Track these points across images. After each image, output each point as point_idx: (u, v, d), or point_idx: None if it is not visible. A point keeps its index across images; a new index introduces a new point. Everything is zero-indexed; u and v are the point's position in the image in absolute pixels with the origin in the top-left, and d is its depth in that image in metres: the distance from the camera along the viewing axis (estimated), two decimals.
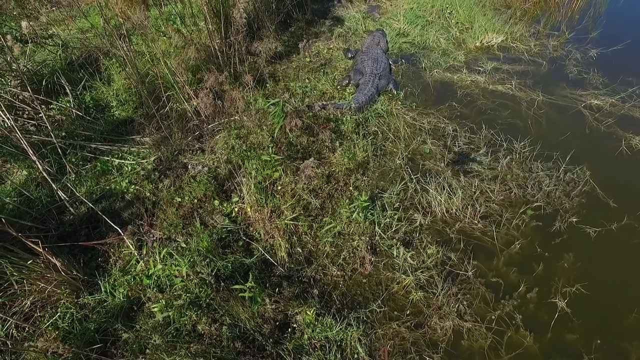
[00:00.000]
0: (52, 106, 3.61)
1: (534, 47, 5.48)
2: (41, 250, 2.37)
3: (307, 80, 4.70)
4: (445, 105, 4.50)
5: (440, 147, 3.98)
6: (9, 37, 3.29)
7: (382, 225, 3.15)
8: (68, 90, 3.61)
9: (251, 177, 3.18)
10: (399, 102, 4.51)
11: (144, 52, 4.24)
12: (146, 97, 3.58)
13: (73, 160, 3.38)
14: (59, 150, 3.21)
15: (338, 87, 4.66)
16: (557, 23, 6.07)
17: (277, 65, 4.94)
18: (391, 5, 6.45)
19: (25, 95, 3.32)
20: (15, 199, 3.03)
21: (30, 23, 3.59)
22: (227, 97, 3.67)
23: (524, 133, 4.13)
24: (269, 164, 3.16)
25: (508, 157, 3.81)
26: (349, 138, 3.78)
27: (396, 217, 3.21)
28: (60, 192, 2.98)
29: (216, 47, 4.21)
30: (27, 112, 3.40)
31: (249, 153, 3.17)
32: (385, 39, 5.34)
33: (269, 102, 3.16)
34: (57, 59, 4.39)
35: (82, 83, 3.92)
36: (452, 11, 6.09)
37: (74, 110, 3.57)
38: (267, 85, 4.53)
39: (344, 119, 3.91)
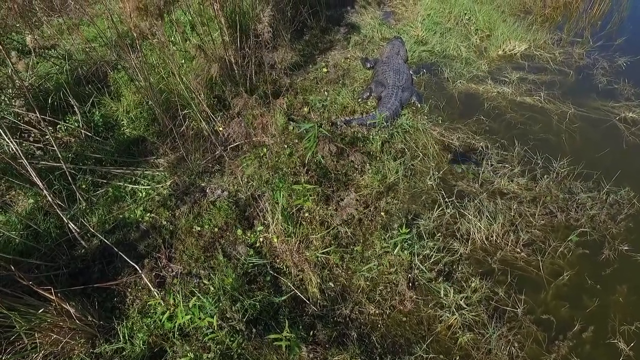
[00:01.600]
0: (59, 126, 3.35)
1: (559, 56, 5.25)
2: (54, 297, 2.13)
3: (326, 93, 4.46)
4: (473, 119, 4.27)
5: (472, 166, 3.75)
6: (13, 53, 3.04)
7: (420, 256, 2.91)
8: (76, 109, 3.35)
9: (277, 205, 2.94)
10: (425, 116, 4.28)
11: (156, 65, 4.00)
12: (161, 115, 3.33)
13: (83, 186, 3.13)
14: (68, 175, 2.96)
15: (359, 100, 4.42)
16: (579, 29, 5.85)
17: (294, 77, 4.69)
18: (406, 11, 6.21)
19: (31, 117, 3.07)
20: (22, 232, 2.78)
21: (35, 37, 3.34)
22: (253, 118, 3.40)
23: (557, 149, 3.91)
24: (300, 192, 2.91)
25: (546, 177, 3.58)
26: (377, 158, 3.54)
27: (435, 247, 2.98)
28: (70, 224, 2.72)
29: (232, 60, 3.96)
30: (33, 135, 3.15)
31: (280, 184, 2.91)
32: (405, 48, 5.11)
33: (300, 125, 2.91)
34: (63, 72, 4.13)
35: (91, 100, 3.66)
36: (470, 17, 5.87)
37: (82, 131, 3.32)
38: (286, 98, 4.29)
39: (371, 137, 3.68)
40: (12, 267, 2.01)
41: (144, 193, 3.19)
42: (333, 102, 4.32)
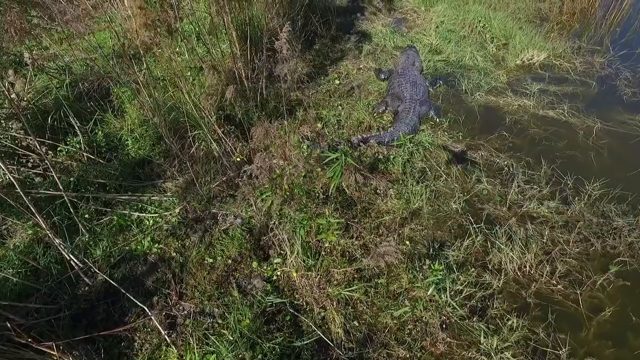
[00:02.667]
0: (59, 148, 3.12)
1: (579, 65, 5.05)
2: (55, 353, 1.91)
3: (340, 107, 4.24)
4: (495, 135, 4.06)
5: (498, 187, 3.54)
6: (10, 72, 2.81)
7: (451, 291, 2.70)
8: (77, 129, 3.13)
9: (297, 237, 2.72)
10: (444, 132, 4.07)
11: (161, 78, 3.78)
12: (168, 136, 3.11)
13: (86, 215, 2.90)
14: (69, 205, 2.73)
15: (375, 115, 4.20)
16: (598, 37, 5.65)
17: (305, 89, 4.48)
18: (418, 18, 6.00)
19: (29, 140, 2.85)
20: (20, 270, 2.55)
21: (34, 52, 3.12)
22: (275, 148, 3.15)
23: (586, 168, 3.71)
24: (324, 226, 2.69)
25: (577, 200, 3.38)
26: (400, 181, 3.33)
27: (466, 281, 2.76)
28: (72, 259, 2.50)
29: (242, 74, 3.74)
30: (31, 160, 2.92)
31: (302, 221, 2.68)
32: (420, 58, 4.89)
33: (327, 154, 2.69)
34: (62, 87, 3.91)
35: (94, 119, 3.44)
36: (485, 25, 5.66)
37: (85, 154, 3.09)
38: (297, 113, 4.07)
39: (391, 157, 3.47)
40: (8, 322, 1.78)
41: (151, 221, 2.97)
42: (348, 118, 4.10)
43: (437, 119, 4.22)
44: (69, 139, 3.21)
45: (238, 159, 3.12)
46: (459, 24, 5.74)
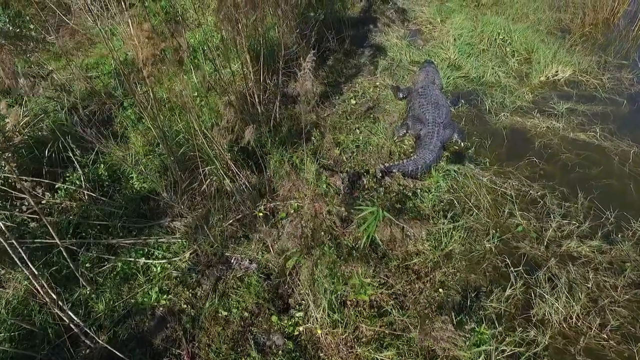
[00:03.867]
0: (58, 186, 2.85)
1: (607, 82, 4.78)
2: None
3: (357, 131, 3.97)
4: (524, 161, 3.79)
5: (533, 221, 3.27)
6: (3, 103, 2.54)
7: (495, 350, 2.43)
8: (77, 164, 2.85)
9: (323, 295, 2.45)
10: (470, 158, 3.80)
11: (166, 102, 3.51)
12: (176, 170, 2.84)
13: (87, 264, 2.63)
14: (67, 253, 2.46)
15: (395, 139, 3.93)
16: (623, 50, 5.39)
17: (320, 110, 4.21)
18: (434, 29, 5.73)
19: (25, 182, 2.58)
20: (13, 333, 2.28)
21: (31, 79, 2.84)
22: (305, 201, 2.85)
23: (625, 199, 3.45)
24: (357, 287, 2.42)
25: (620, 236, 3.11)
26: (430, 219, 3.06)
27: (511, 341, 2.49)
28: (72, 317, 2.22)
29: (254, 96, 3.47)
30: (26, 203, 2.65)
31: (334, 286, 2.40)
32: (439, 74, 4.63)
33: (361, 207, 2.40)
34: (60, 111, 3.64)
35: (95, 151, 3.17)
36: (504, 38, 5.39)
37: (86, 192, 2.82)
38: (313, 139, 3.80)
39: (418, 190, 3.19)
40: None
41: (159, 268, 2.70)
42: (367, 143, 3.83)
43: (462, 143, 3.95)
44: (68, 174, 2.94)
45: (260, 214, 2.84)
46: (477, 37, 5.47)
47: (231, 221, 2.95)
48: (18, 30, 3.45)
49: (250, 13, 2.71)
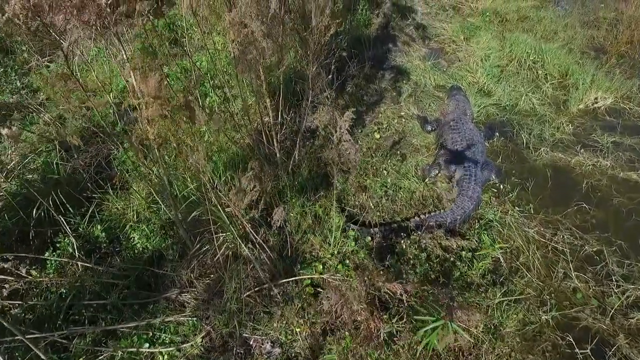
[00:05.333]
0: (46, 256, 2.43)
1: None
2: None
3: (385, 172, 3.56)
4: (572, 207, 3.38)
5: (591, 284, 2.87)
6: None
7: None
8: (69, 232, 2.45)
9: None
10: (512, 205, 3.39)
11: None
12: (187, 237, 2.44)
13: (82, 356, 2.21)
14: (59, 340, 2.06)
15: (427, 181, 3.53)
16: None
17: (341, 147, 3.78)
18: (458, 49, 5.31)
19: (7, 262, 2.17)
20: None
21: (13, 128, 2.43)
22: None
23: None
24: None
25: None
26: (480, 292, 2.65)
27: None
28: None
29: (274, 135, 3.05)
30: (8, 285, 2.24)
31: None
32: (470, 103, 4.22)
33: (420, 317, 1.99)
34: (52, 154, 3.24)
35: (90, 211, 2.75)
36: (536, 59, 4.98)
37: (79, 263, 2.41)
38: (335, 182, 3.39)
39: (463, 254, 2.79)
40: None
41: (166, 357, 2.29)
42: (396, 188, 3.42)
43: (501, 186, 3.54)
44: (59, 239, 2.53)
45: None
46: (505, 58, 5.06)
47: (249, 292, 2.54)
48: None
49: (276, 56, 2.30)
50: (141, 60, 1.88)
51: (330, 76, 3.85)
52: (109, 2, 1.64)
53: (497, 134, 4.06)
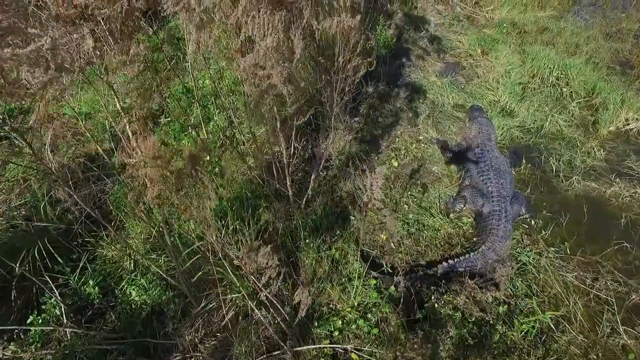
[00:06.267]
0: (31, 321, 2.13)
1: None
2: None
3: (406, 207, 3.26)
4: (612, 246, 3.09)
5: None
6: None
7: None
8: (56, 296, 2.14)
9: None
10: (545, 244, 3.09)
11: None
12: (190, 297, 2.14)
13: None
14: None
15: (451, 216, 3.23)
16: None
17: (358, 177, 3.49)
18: (476, 64, 5.00)
19: None
20: None
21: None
22: None
23: None
24: None
25: None
26: (522, 356, 2.35)
27: None
28: None
29: (285, 166, 2.74)
30: None
31: None
32: (494, 127, 3.92)
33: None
34: (39, 180, 2.95)
35: (81, 265, 2.45)
36: (559, 75, 4.68)
37: (67, 330, 2.11)
38: (352, 218, 3.10)
39: (501, 309, 2.49)
40: None
41: None
42: (420, 226, 3.12)
43: (533, 222, 3.24)
44: (45, 299, 2.22)
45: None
46: (525, 74, 4.77)
47: (261, 358, 2.24)
48: None
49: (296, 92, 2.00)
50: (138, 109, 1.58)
51: (345, 98, 3.55)
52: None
53: (523, 160, 3.76)
